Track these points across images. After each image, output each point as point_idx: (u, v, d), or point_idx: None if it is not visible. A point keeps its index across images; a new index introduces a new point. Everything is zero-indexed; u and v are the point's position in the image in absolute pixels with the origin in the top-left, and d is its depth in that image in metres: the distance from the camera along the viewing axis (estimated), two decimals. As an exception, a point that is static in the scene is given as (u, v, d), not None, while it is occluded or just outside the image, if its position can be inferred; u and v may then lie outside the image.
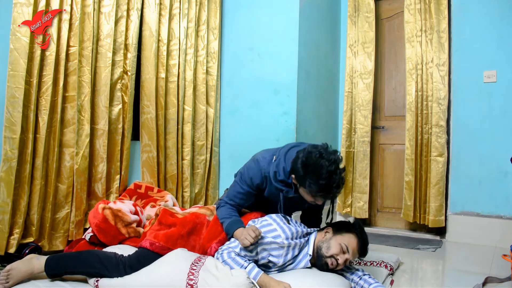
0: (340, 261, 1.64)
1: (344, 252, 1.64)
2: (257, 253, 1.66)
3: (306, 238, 1.75)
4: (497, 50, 3.02)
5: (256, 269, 1.61)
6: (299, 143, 1.88)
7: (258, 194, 1.87)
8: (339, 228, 1.71)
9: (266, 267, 1.70)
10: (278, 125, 3.00)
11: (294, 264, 1.71)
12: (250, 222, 1.77)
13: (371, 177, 3.45)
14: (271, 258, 1.65)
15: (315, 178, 1.59)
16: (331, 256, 1.65)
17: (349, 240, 1.66)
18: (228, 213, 1.80)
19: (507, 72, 2.98)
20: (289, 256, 1.68)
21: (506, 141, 2.95)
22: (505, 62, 2.99)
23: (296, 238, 1.69)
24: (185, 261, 1.62)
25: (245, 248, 1.64)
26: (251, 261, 1.65)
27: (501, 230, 2.90)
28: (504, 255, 1.98)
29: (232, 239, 1.73)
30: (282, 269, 1.71)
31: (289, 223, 1.72)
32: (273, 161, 1.80)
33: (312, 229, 1.80)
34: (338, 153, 1.67)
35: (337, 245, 1.65)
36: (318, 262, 1.70)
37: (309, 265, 1.73)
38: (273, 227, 1.68)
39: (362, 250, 1.69)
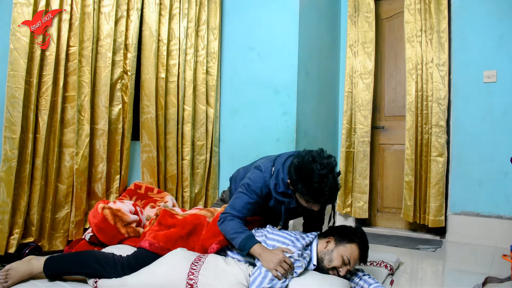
0: (342, 273, 1.64)
1: (346, 264, 1.64)
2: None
3: (309, 247, 1.72)
4: (497, 50, 3.01)
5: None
6: (297, 151, 1.83)
7: (262, 204, 1.82)
8: (341, 237, 1.68)
9: None
10: (278, 125, 2.99)
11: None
12: (253, 231, 1.74)
13: (371, 177, 3.45)
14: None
15: (307, 182, 1.57)
16: (333, 268, 1.65)
17: (351, 252, 1.64)
18: (239, 227, 1.68)
19: (507, 72, 2.98)
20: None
21: (506, 141, 2.95)
22: (505, 62, 2.99)
23: (305, 251, 1.66)
24: (185, 261, 1.61)
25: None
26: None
27: (501, 230, 2.90)
28: (504, 255, 1.98)
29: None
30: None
31: (294, 237, 1.68)
32: (272, 173, 1.77)
33: (311, 235, 1.75)
34: (333, 158, 1.64)
35: (339, 257, 1.63)
36: (320, 271, 1.69)
37: None
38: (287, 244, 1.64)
39: (363, 258, 1.69)
